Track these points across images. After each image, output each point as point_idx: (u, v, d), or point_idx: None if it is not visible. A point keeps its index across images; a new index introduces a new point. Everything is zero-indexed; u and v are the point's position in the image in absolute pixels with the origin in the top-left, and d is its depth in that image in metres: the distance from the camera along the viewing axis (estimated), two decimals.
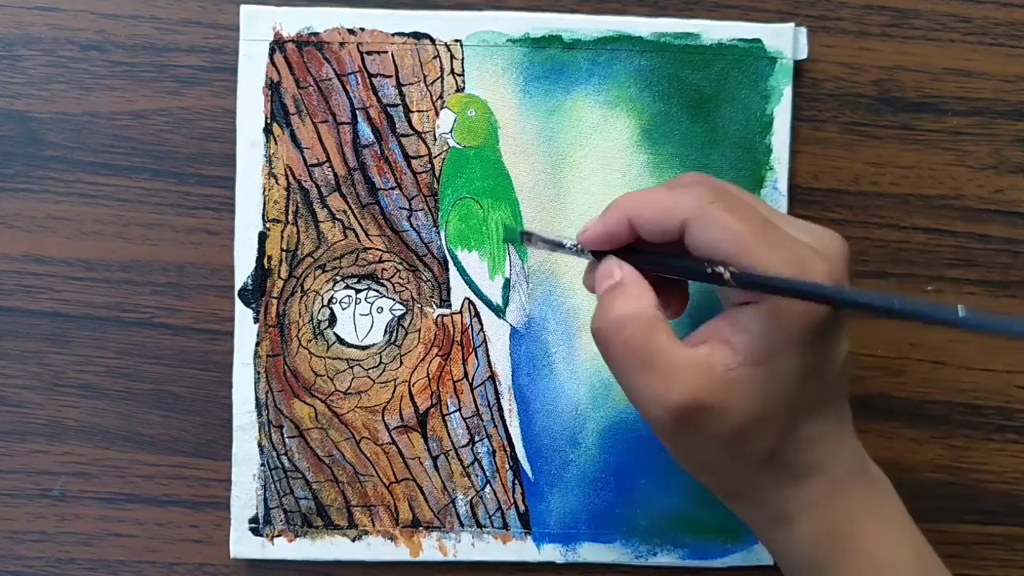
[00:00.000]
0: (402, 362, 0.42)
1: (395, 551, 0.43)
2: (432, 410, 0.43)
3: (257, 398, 0.42)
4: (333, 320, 0.42)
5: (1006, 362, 0.44)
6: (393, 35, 0.42)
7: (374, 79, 0.42)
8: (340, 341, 0.42)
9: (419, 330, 0.42)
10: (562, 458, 0.43)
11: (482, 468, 0.43)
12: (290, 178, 0.42)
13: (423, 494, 0.43)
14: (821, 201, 0.44)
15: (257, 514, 0.42)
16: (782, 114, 0.43)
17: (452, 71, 0.42)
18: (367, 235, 0.42)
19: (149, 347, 0.43)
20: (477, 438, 0.43)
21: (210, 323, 0.43)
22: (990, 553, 0.44)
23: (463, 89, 0.42)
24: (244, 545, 0.42)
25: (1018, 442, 0.44)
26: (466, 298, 0.42)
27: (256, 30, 0.42)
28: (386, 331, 0.42)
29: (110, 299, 0.43)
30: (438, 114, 0.42)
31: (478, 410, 0.43)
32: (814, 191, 0.44)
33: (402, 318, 0.42)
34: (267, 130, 0.42)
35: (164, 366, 0.43)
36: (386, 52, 0.42)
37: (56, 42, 0.42)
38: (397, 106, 0.42)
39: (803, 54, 0.43)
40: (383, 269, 0.42)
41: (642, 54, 0.43)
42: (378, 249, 0.42)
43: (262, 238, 0.42)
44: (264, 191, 0.42)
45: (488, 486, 0.43)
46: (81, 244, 0.43)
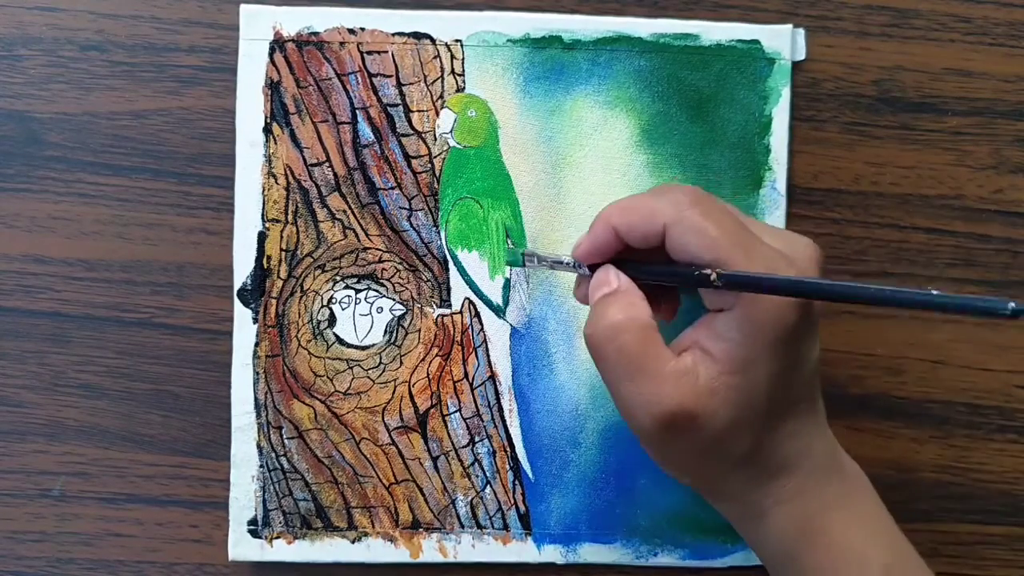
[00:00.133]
0: (402, 362, 0.42)
1: (395, 553, 0.43)
2: (432, 410, 0.43)
3: (256, 399, 0.42)
4: (333, 320, 0.42)
5: (1006, 362, 0.44)
6: (393, 35, 0.42)
7: (374, 79, 0.42)
8: (340, 341, 0.42)
9: (419, 330, 0.42)
10: (562, 458, 0.43)
11: (482, 469, 0.43)
12: (290, 178, 0.42)
13: (423, 495, 0.43)
14: (821, 201, 0.44)
15: (256, 516, 0.42)
16: (780, 115, 0.43)
17: (452, 71, 0.42)
18: (367, 235, 0.42)
19: (149, 347, 0.43)
20: (477, 438, 0.43)
21: (210, 323, 0.43)
22: (990, 553, 0.44)
23: (463, 89, 0.42)
24: (243, 547, 0.42)
25: (1018, 442, 0.44)
26: (466, 298, 0.42)
27: (256, 30, 0.42)
28: (386, 331, 0.42)
29: (110, 299, 0.43)
30: (438, 114, 0.42)
31: (478, 410, 0.43)
32: (814, 191, 0.44)
33: (402, 318, 0.42)
34: (267, 130, 0.42)
35: (164, 366, 0.43)
36: (386, 52, 0.42)
37: (56, 42, 0.42)
38: (397, 106, 0.42)
39: (801, 55, 0.43)
40: (383, 269, 0.42)
41: (642, 55, 0.43)
42: (378, 249, 0.42)
43: (261, 238, 0.42)
44: (264, 191, 0.42)
45: (488, 487, 0.43)
46: (81, 244, 0.42)
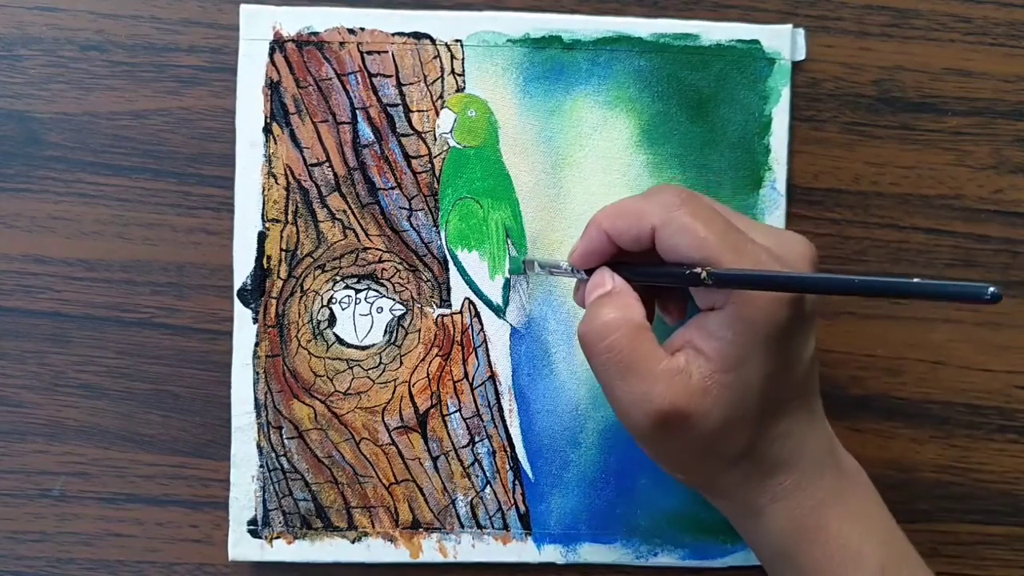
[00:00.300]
0: (402, 362, 0.42)
1: (395, 552, 0.43)
2: (432, 410, 0.43)
3: (256, 399, 0.42)
4: (333, 320, 0.42)
5: (1006, 362, 0.44)
6: (393, 35, 0.42)
7: (374, 79, 0.42)
8: (340, 341, 0.42)
9: (419, 330, 0.42)
10: (562, 458, 0.43)
11: (482, 469, 0.43)
12: (290, 178, 0.42)
13: (423, 495, 0.43)
14: (821, 201, 0.44)
15: (256, 516, 0.42)
16: (780, 115, 0.43)
17: (452, 71, 0.42)
18: (367, 235, 0.42)
19: (149, 347, 0.43)
20: (477, 438, 0.43)
21: (210, 323, 0.43)
22: (990, 553, 0.44)
23: (463, 89, 0.42)
24: (243, 547, 0.42)
25: (1018, 442, 0.44)
26: (466, 298, 0.42)
27: (256, 30, 0.42)
28: (386, 331, 0.42)
29: (110, 299, 0.43)
30: (438, 114, 0.42)
31: (478, 410, 0.43)
32: (814, 191, 0.44)
33: (402, 318, 0.42)
34: (267, 130, 0.42)
35: (164, 366, 0.43)
36: (386, 52, 0.42)
37: (56, 42, 0.42)
38: (397, 106, 0.42)
39: (801, 55, 0.43)
40: (383, 269, 0.42)
41: (641, 55, 0.43)
42: (378, 249, 0.42)
43: (261, 238, 0.42)
44: (264, 191, 0.42)
45: (488, 487, 0.43)
46: (81, 244, 0.42)
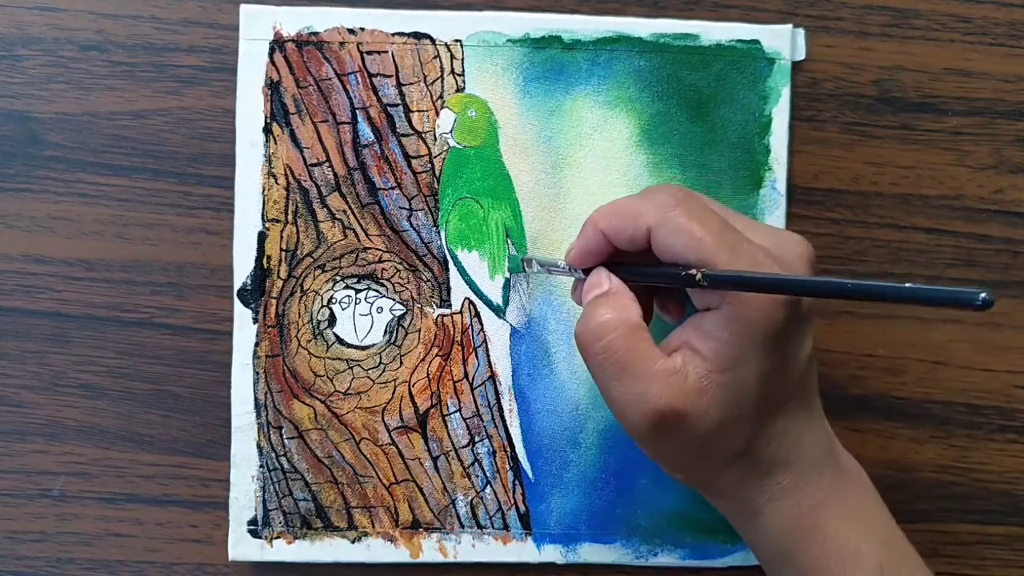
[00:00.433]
0: (402, 362, 0.42)
1: (395, 553, 0.43)
2: (432, 410, 0.43)
3: (256, 399, 0.42)
4: (333, 320, 0.42)
5: (1006, 362, 0.44)
6: (393, 35, 0.42)
7: (374, 79, 0.42)
8: (340, 341, 0.42)
9: (419, 330, 0.42)
10: (562, 458, 0.43)
11: (482, 469, 0.43)
12: (290, 178, 0.42)
13: (423, 495, 0.43)
14: (821, 201, 0.44)
15: (256, 516, 0.42)
16: (780, 115, 0.43)
17: (452, 71, 0.42)
18: (367, 235, 0.42)
19: (149, 347, 0.43)
20: (477, 438, 0.43)
21: (210, 323, 0.43)
22: (990, 553, 0.44)
23: (463, 89, 0.42)
24: (243, 547, 0.42)
25: (1018, 442, 0.44)
26: (466, 298, 0.42)
27: (256, 30, 0.42)
28: (386, 331, 0.42)
29: (110, 299, 0.43)
30: (438, 114, 0.42)
31: (478, 410, 0.43)
32: (814, 191, 0.44)
33: (402, 318, 0.42)
34: (267, 130, 0.42)
35: (164, 366, 0.43)
36: (386, 52, 0.42)
37: (56, 42, 0.42)
38: (397, 106, 0.42)
39: (801, 55, 0.43)
40: (383, 269, 0.42)
41: (641, 55, 0.43)
42: (378, 249, 0.42)
43: (261, 238, 0.42)
44: (264, 191, 0.42)
45: (488, 487, 0.43)
46: (81, 244, 0.42)
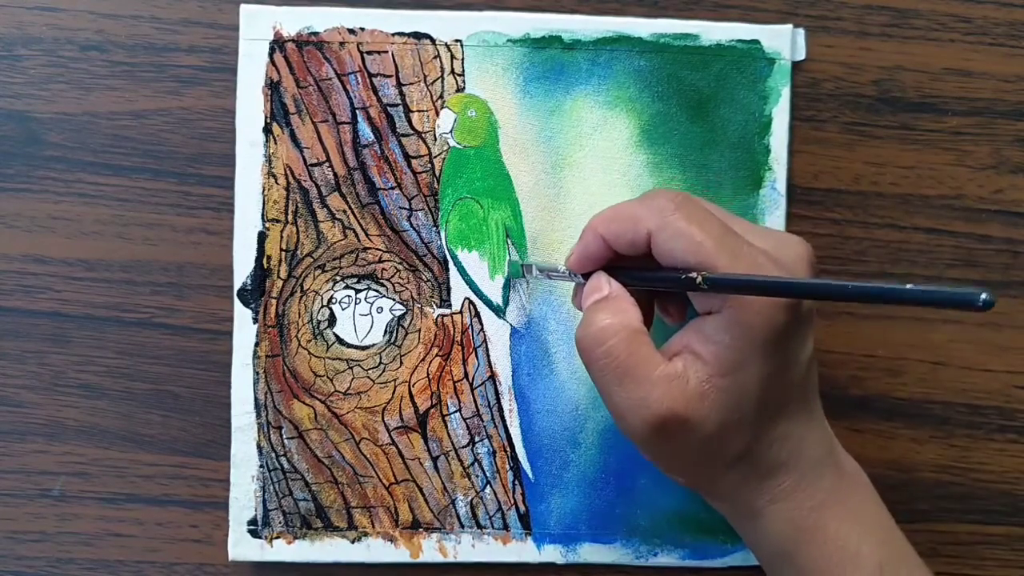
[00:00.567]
0: (402, 362, 0.42)
1: (395, 553, 0.43)
2: (432, 410, 0.43)
3: (256, 399, 0.42)
4: (333, 320, 0.42)
5: (1006, 362, 0.44)
6: (393, 35, 0.42)
7: (374, 79, 0.42)
8: (340, 341, 0.42)
9: (419, 330, 0.42)
10: (562, 458, 0.43)
11: (482, 469, 0.43)
12: (290, 178, 0.42)
13: (423, 495, 0.43)
14: (821, 201, 0.44)
15: (256, 516, 0.42)
16: (780, 115, 0.43)
17: (452, 71, 0.42)
18: (367, 235, 0.42)
19: (149, 347, 0.43)
20: (477, 438, 0.43)
21: (210, 323, 0.43)
22: (990, 553, 0.44)
23: (463, 89, 0.42)
24: (243, 547, 0.42)
25: (1018, 442, 0.44)
26: (466, 298, 0.42)
27: (256, 30, 0.42)
28: (386, 331, 0.42)
29: (110, 299, 0.43)
30: (438, 114, 0.42)
31: (478, 410, 0.43)
32: (814, 191, 0.44)
33: (402, 318, 0.42)
34: (267, 130, 0.42)
35: (164, 366, 0.43)
36: (386, 52, 0.42)
37: (56, 42, 0.42)
38: (397, 106, 0.42)
39: (801, 55, 0.43)
40: (383, 269, 0.42)
41: (641, 55, 0.43)
42: (378, 249, 0.42)
43: (261, 238, 0.42)
44: (264, 191, 0.42)
45: (488, 487, 0.43)
46: (81, 244, 0.42)
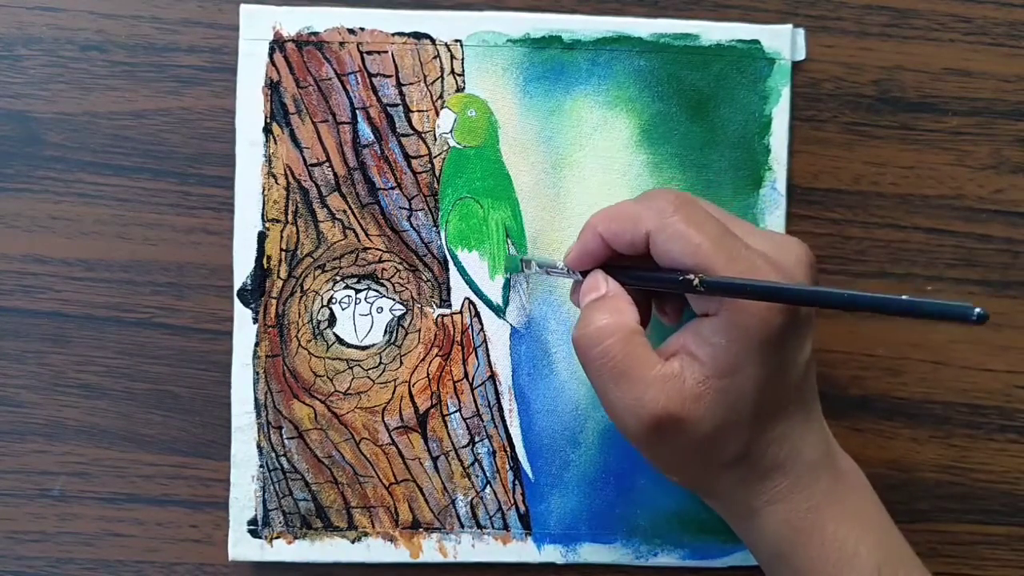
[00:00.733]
0: (402, 362, 0.42)
1: (395, 552, 0.43)
2: (432, 410, 0.43)
3: (256, 399, 0.42)
4: (333, 320, 0.42)
5: (1006, 362, 0.44)
6: (393, 35, 0.42)
7: (374, 79, 0.42)
8: (340, 341, 0.42)
9: (419, 330, 0.42)
10: (562, 458, 0.43)
11: (482, 469, 0.43)
12: (290, 178, 0.42)
13: (423, 495, 0.43)
14: (821, 201, 0.44)
15: (256, 516, 0.42)
16: (780, 115, 0.43)
17: (452, 71, 0.42)
18: (367, 235, 0.42)
19: (149, 347, 0.43)
20: (477, 438, 0.43)
21: (210, 323, 0.43)
22: (990, 553, 0.44)
23: (463, 89, 0.42)
24: (243, 547, 0.42)
25: (1018, 442, 0.44)
26: (466, 298, 0.42)
27: (256, 30, 0.42)
28: (386, 331, 0.42)
29: (110, 299, 0.43)
30: (438, 114, 0.42)
31: (478, 410, 0.43)
32: (814, 191, 0.44)
33: (402, 318, 0.42)
34: (267, 130, 0.42)
35: (164, 366, 0.43)
36: (386, 52, 0.42)
37: (56, 42, 0.42)
38: (397, 106, 0.42)
39: (801, 55, 0.43)
40: (383, 269, 0.42)
41: (641, 55, 0.43)
42: (378, 249, 0.42)
43: (261, 238, 0.42)
44: (264, 191, 0.42)
45: (488, 487, 0.43)
46: (81, 244, 0.42)
